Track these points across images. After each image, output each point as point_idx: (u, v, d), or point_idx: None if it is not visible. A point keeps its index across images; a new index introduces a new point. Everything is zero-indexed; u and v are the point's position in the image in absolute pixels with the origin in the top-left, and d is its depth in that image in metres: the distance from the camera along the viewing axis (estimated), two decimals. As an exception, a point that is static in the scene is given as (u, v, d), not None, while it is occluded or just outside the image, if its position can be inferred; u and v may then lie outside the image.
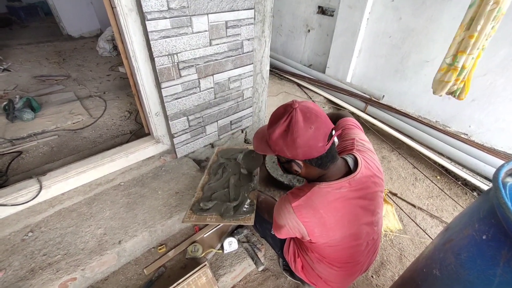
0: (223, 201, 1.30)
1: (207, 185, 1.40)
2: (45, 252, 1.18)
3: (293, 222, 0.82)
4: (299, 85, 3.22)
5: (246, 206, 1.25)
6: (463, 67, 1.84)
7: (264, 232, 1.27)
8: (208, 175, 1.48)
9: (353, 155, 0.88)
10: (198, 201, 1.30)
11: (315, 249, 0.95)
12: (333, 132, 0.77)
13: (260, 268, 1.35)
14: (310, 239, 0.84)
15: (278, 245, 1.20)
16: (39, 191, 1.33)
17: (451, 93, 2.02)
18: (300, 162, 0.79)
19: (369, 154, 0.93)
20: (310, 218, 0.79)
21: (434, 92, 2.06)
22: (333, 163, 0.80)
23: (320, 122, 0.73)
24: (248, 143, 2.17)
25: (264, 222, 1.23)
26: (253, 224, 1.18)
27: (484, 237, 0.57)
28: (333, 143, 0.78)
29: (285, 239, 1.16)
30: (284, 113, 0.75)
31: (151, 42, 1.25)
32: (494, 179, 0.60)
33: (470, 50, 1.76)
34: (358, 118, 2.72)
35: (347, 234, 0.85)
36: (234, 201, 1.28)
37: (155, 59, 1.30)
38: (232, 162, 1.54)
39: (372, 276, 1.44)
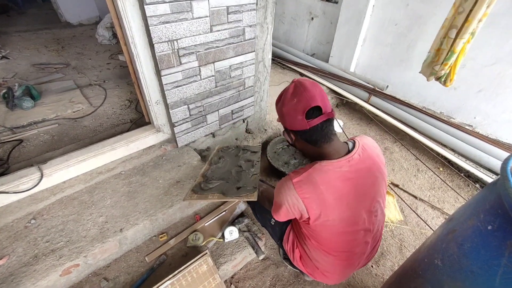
0: (225, 181, 1.29)
1: (208, 171, 1.41)
2: (48, 239, 1.19)
3: (292, 199, 0.82)
4: (301, 74, 3.17)
5: (249, 188, 1.23)
6: (452, 52, 1.76)
7: (264, 221, 1.27)
8: (209, 165, 1.49)
9: (353, 140, 0.92)
10: (199, 183, 1.30)
11: (312, 234, 0.93)
12: (323, 112, 0.80)
13: (261, 257, 1.36)
14: (309, 218, 0.83)
15: (278, 235, 1.20)
16: (40, 179, 1.33)
17: (438, 78, 1.97)
18: (291, 133, 0.88)
19: (369, 141, 0.94)
20: (310, 194, 0.80)
21: (425, 76, 2.03)
22: (327, 142, 0.83)
23: (304, 96, 0.78)
24: (249, 133, 2.15)
25: (265, 211, 1.23)
26: (256, 199, 1.15)
27: (489, 227, 0.56)
28: (328, 124, 0.82)
29: (284, 230, 1.16)
30: (289, 83, 0.86)
31: (150, 27, 1.22)
32: (502, 169, 0.58)
33: (461, 33, 1.68)
34: (361, 108, 2.69)
35: (345, 216, 0.84)
36: (238, 182, 1.27)
37: (155, 45, 1.27)
38: (232, 155, 1.55)
39: (372, 266, 1.45)
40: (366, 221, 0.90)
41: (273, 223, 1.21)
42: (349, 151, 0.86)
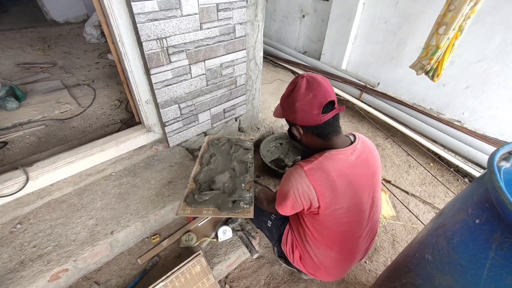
0: (220, 192, 1.21)
1: (199, 175, 1.32)
2: (35, 244, 1.15)
3: (303, 187, 0.81)
4: (293, 72, 3.17)
5: (245, 199, 1.17)
6: (437, 47, 1.80)
7: (260, 224, 1.25)
8: (200, 165, 1.39)
9: (352, 134, 0.95)
10: (192, 192, 1.20)
11: (317, 228, 0.92)
12: (335, 106, 0.83)
13: (255, 256, 1.36)
14: (318, 207, 0.82)
15: (275, 237, 1.18)
16: (26, 182, 1.29)
17: (427, 73, 2.02)
18: (300, 128, 0.85)
19: (365, 137, 0.97)
20: (322, 181, 0.80)
21: (414, 70, 2.08)
22: (336, 135, 0.85)
23: (319, 91, 0.78)
24: (242, 131, 2.14)
25: (261, 214, 1.21)
26: (252, 217, 1.12)
27: (477, 221, 0.57)
28: (336, 117, 0.84)
29: (282, 231, 1.15)
30: (295, 80, 0.84)
31: (138, 25, 1.19)
32: (489, 163, 0.59)
33: (445, 29, 1.72)
34: (353, 105, 2.71)
35: (352, 204, 0.86)
36: (232, 194, 1.19)
37: (143, 43, 1.24)
38: (224, 153, 1.45)
39: (365, 262, 1.47)
40: (368, 210, 0.92)
41: (270, 225, 1.19)
42: (352, 143, 0.89)
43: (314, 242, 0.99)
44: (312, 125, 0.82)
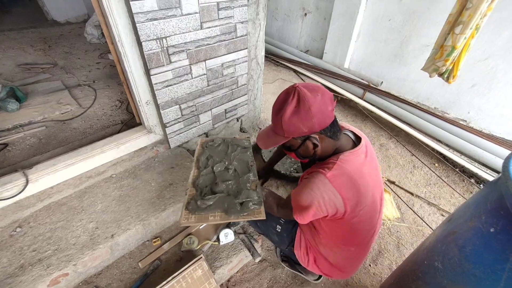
0: (225, 194, 1.10)
1: (198, 179, 1.18)
2: (35, 247, 1.14)
3: (329, 195, 0.78)
4: (295, 71, 3.13)
5: (253, 199, 1.06)
6: (453, 47, 1.73)
7: (266, 229, 1.18)
8: (198, 168, 1.25)
9: (347, 129, 0.94)
10: (194, 198, 1.08)
11: (337, 228, 0.90)
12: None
13: (257, 260, 1.34)
14: (345, 212, 0.81)
15: (287, 241, 1.13)
16: (26, 185, 1.27)
17: (441, 74, 1.95)
18: (317, 136, 0.80)
19: (357, 129, 0.98)
20: (346, 186, 0.79)
21: (427, 72, 2.01)
22: (341, 132, 0.85)
23: (322, 89, 0.79)
24: (244, 132, 2.11)
25: (268, 219, 1.10)
26: (264, 217, 1.00)
27: (491, 230, 0.54)
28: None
29: (294, 235, 1.10)
30: (288, 94, 0.78)
31: (137, 25, 1.17)
32: (504, 167, 0.56)
33: (462, 29, 1.66)
34: (356, 105, 2.67)
35: (370, 202, 0.86)
36: (238, 195, 1.09)
37: (143, 43, 1.22)
38: (221, 154, 1.32)
39: (370, 265, 1.44)
40: (379, 205, 0.93)
41: (279, 230, 1.13)
42: (353, 141, 0.90)
43: (329, 243, 0.97)
44: (328, 126, 0.79)
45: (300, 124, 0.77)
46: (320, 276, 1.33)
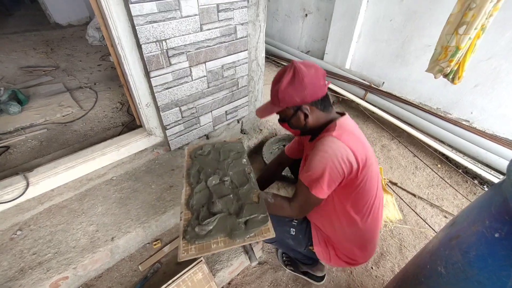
0: (225, 213, 0.97)
1: (192, 199, 1.03)
2: (35, 251, 1.14)
3: (341, 151, 0.81)
4: (296, 72, 3.12)
5: (258, 215, 0.95)
6: (457, 48, 1.70)
7: (281, 237, 1.09)
8: (189, 185, 1.09)
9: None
10: (190, 224, 0.94)
11: (350, 195, 0.91)
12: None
13: (254, 263, 1.31)
14: (358, 166, 0.83)
15: (303, 242, 1.08)
16: (26, 188, 1.28)
17: (446, 75, 1.92)
18: (308, 107, 0.87)
19: None
20: (352, 140, 0.84)
21: (432, 73, 1.98)
22: (332, 108, 0.93)
23: (316, 66, 0.86)
24: (244, 133, 2.11)
25: (280, 225, 1.07)
26: (274, 235, 0.92)
27: (496, 235, 0.53)
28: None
29: (309, 231, 1.07)
30: (285, 69, 0.86)
31: (136, 27, 1.16)
32: (509, 170, 0.55)
33: (466, 29, 1.62)
34: (357, 105, 2.66)
35: (374, 159, 0.91)
36: (241, 212, 0.97)
37: (142, 46, 1.22)
38: (213, 164, 1.18)
39: (372, 268, 1.42)
40: (376, 165, 0.97)
41: (294, 233, 1.08)
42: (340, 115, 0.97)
43: (345, 220, 0.95)
44: (320, 98, 0.86)
45: (294, 93, 0.84)
46: (323, 277, 1.31)
